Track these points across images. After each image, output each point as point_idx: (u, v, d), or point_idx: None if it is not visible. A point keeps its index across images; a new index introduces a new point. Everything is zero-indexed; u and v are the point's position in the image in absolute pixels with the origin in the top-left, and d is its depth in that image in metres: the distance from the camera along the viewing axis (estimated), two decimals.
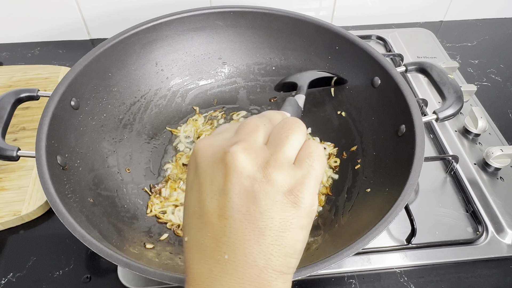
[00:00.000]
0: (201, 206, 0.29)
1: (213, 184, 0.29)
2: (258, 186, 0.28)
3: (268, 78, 0.81)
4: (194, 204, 0.30)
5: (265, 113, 0.35)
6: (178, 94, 0.79)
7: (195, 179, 0.31)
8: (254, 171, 0.28)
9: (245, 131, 0.31)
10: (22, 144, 0.72)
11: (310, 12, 1.01)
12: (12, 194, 0.65)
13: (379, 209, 0.51)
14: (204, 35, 0.77)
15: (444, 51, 0.96)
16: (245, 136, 0.30)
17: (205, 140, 0.32)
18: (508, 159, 0.70)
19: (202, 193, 0.29)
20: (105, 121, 0.68)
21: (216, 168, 0.29)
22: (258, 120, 0.32)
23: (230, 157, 0.29)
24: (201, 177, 0.30)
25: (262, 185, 0.28)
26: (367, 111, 0.69)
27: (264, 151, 0.30)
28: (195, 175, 0.31)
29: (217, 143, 0.31)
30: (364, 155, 0.68)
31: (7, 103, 0.58)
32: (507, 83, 0.91)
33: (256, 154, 0.29)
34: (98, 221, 0.54)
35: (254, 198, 0.28)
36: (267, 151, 0.30)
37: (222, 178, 0.29)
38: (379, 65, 0.65)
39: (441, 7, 1.06)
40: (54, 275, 0.58)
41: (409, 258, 0.60)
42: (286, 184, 0.29)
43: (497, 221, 0.64)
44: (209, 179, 0.29)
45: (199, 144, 0.32)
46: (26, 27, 0.96)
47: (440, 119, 0.59)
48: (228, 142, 0.30)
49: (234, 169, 0.28)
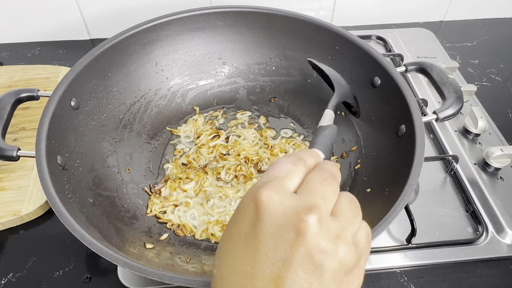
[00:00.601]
0: (257, 268, 0.27)
1: (277, 249, 0.27)
2: (328, 262, 0.27)
3: (268, 78, 0.81)
4: (246, 262, 0.27)
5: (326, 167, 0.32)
6: (178, 94, 0.79)
7: (254, 234, 0.28)
8: (326, 246, 0.27)
9: (316, 191, 0.29)
10: (22, 144, 0.72)
11: (310, 12, 1.01)
12: (12, 194, 0.65)
13: (379, 209, 0.51)
14: (204, 35, 0.77)
15: (444, 51, 0.96)
16: (318, 201, 0.28)
17: (274, 195, 0.28)
18: (508, 159, 0.70)
19: (262, 255, 0.27)
20: (105, 121, 0.68)
21: (286, 234, 0.27)
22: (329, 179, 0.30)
23: (305, 226, 0.27)
24: (264, 237, 0.27)
25: (332, 262, 0.27)
26: (367, 111, 0.69)
27: (334, 223, 0.28)
28: (253, 229, 0.28)
29: (289, 204, 0.28)
30: (364, 155, 0.68)
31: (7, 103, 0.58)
32: (507, 83, 0.91)
33: (329, 227, 0.28)
34: (98, 221, 0.54)
35: (320, 275, 0.26)
36: (337, 223, 0.28)
37: (290, 247, 0.26)
38: (379, 65, 0.65)
39: (441, 7, 1.06)
40: (54, 275, 0.58)
41: (409, 258, 0.60)
42: (351, 264, 0.28)
43: (497, 221, 0.64)
44: (274, 242, 0.27)
45: (265, 197, 0.28)
46: (26, 27, 0.96)
47: (440, 119, 0.59)
48: (302, 204, 0.28)
49: (307, 240, 0.26)
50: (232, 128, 0.76)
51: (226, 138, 0.74)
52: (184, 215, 0.64)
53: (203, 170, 0.69)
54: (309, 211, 0.27)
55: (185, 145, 0.74)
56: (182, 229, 0.62)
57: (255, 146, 0.73)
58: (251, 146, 0.73)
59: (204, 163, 0.70)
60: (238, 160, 0.70)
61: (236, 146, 0.73)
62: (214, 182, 0.67)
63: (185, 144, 0.74)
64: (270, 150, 0.72)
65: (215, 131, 0.75)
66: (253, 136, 0.74)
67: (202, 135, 0.74)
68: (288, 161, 0.31)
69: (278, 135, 0.76)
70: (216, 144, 0.73)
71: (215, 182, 0.68)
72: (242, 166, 0.69)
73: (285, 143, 0.74)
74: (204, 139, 0.74)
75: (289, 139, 0.75)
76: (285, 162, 0.31)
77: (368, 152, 0.67)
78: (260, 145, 0.73)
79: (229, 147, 0.73)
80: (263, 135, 0.75)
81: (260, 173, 0.69)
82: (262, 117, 0.78)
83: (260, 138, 0.74)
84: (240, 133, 0.75)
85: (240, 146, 0.72)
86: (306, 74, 0.78)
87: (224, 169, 0.69)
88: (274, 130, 0.76)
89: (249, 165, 0.69)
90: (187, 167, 0.70)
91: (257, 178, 0.68)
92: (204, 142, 0.73)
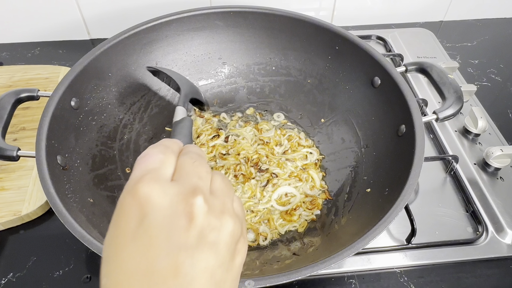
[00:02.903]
0: (152, 264, 0.25)
1: (171, 238, 0.26)
2: (220, 237, 0.28)
3: (268, 78, 0.81)
4: (139, 261, 0.26)
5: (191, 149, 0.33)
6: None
7: (143, 231, 0.26)
8: (216, 223, 0.28)
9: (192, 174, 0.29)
10: (22, 144, 0.72)
11: (310, 12, 1.01)
12: (12, 194, 0.65)
13: (379, 209, 0.51)
14: (204, 35, 0.77)
15: (444, 51, 0.96)
16: (198, 182, 0.29)
17: (155, 187, 0.27)
18: (508, 159, 0.70)
19: (155, 249, 0.26)
20: (105, 121, 0.68)
21: (177, 221, 0.26)
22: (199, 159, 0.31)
23: (194, 209, 0.27)
24: (155, 230, 0.26)
25: (224, 236, 0.28)
26: (367, 111, 0.69)
27: (216, 199, 0.29)
28: (141, 226, 0.26)
29: (172, 192, 0.27)
30: (364, 155, 0.68)
31: (7, 103, 0.58)
32: (507, 83, 0.91)
33: (213, 204, 0.29)
34: (98, 221, 0.54)
35: (215, 251, 0.27)
36: (218, 199, 0.30)
37: (183, 232, 0.26)
38: (379, 65, 0.65)
39: (441, 7, 1.06)
40: (54, 275, 0.58)
41: (409, 258, 0.60)
42: (238, 233, 0.29)
43: (497, 221, 0.64)
44: (166, 233, 0.26)
45: (147, 191, 0.27)
46: (26, 27, 0.96)
47: (440, 119, 0.59)
48: (185, 189, 0.28)
49: (199, 222, 0.27)
50: (232, 127, 0.76)
51: (226, 138, 0.74)
52: None
53: None
54: (194, 194, 0.28)
55: None
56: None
57: (254, 144, 0.73)
58: (250, 146, 0.73)
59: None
60: (237, 160, 0.70)
61: (235, 146, 0.73)
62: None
63: None
64: (266, 145, 0.73)
65: (215, 131, 0.75)
66: (251, 134, 0.75)
67: (202, 135, 0.74)
68: (157, 151, 0.31)
69: (271, 119, 0.77)
70: (215, 144, 0.73)
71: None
72: (241, 166, 0.69)
73: (280, 135, 0.74)
74: (204, 138, 0.74)
75: (283, 129, 0.76)
76: (155, 153, 0.30)
77: (368, 152, 0.67)
78: (258, 142, 0.73)
79: (229, 146, 0.73)
80: (258, 128, 0.75)
81: (261, 172, 0.69)
82: (258, 113, 0.79)
83: (255, 134, 0.75)
84: (239, 133, 0.75)
85: (240, 146, 0.72)
86: (306, 74, 0.78)
87: (223, 168, 0.69)
88: (269, 122, 0.78)
89: (249, 164, 0.69)
90: None
91: (256, 178, 0.68)
92: (203, 142, 0.73)
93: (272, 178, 0.68)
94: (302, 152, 0.72)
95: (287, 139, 0.74)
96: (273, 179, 0.68)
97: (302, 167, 0.70)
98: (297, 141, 0.74)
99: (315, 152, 0.72)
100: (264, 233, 0.62)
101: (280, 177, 0.68)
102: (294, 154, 0.72)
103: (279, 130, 0.75)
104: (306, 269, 0.43)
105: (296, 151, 0.72)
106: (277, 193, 0.66)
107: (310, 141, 0.74)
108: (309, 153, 0.72)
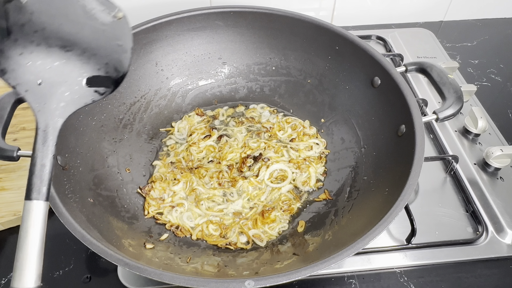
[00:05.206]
0: None
1: None
2: None
3: (268, 78, 0.81)
4: None
5: None
6: (178, 94, 0.79)
7: None
8: None
9: None
10: (22, 144, 0.72)
11: (310, 12, 1.01)
12: (12, 194, 0.65)
13: (379, 209, 0.51)
14: (204, 35, 0.77)
15: (444, 51, 0.96)
16: None
17: None
18: (508, 159, 0.70)
19: None
20: (105, 121, 0.68)
21: None
22: None
23: None
24: None
25: None
26: (367, 111, 0.69)
27: None
28: None
29: None
30: (364, 155, 0.68)
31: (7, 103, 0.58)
32: (507, 83, 0.91)
33: None
34: (98, 221, 0.54)
35: None
36: None
37: None
38: (379, 65, 0.65)
39: (441, 7, 1.06)
40: (54, 275, 0.58)
41: (409, 258, 0.60)
42: None
43: (497, 221, 0.64)
44: None
45: None
46: None
47: (440, 119, 0.59)
48: None
49: None
50: (224, 120, 0.77)
51: (218, 137, 0.74)
52: (181, 216, 0.63)
53: (190, 170, 0.69)
54: None
55: (176, 140, 0.74)
56: (182, 229, 0.62)
57: (246, 137, 0.74)
58: (239, 149, 0.72)
59: (193, 164, 0.70)
60: (219, 168, 0.69)
61: (224, 148, 0.72)
62: (201, 182, 0.67)
63: (175, 139, 0.74)
64: (268, 132, 0.74)
65: (208, 130, 0.75)
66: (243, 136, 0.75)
67: (194, 133, 0.74)
68: None
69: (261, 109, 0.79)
70: (206, 145, 0.73)
71: (202, 182, 0.68)
72: (224, 173, 0.69)
73: (284, 121, 0.76)
74: (196, 137, 0.74)
75: (288, 118, 0.77)
76: None
77: (368, 152, 0.67)
78: (256, 132, 0.75)
79: (217, 149, 0.72)
80: (247, 116, 0.78)
81: (250, 170, 0.69)
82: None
83: (249, 125, 0.76)
84: (232, 134, 0.75)
85: (229, 150, 0.72)
86: (306, 74, 0.78)
87: (207, 176, 0.69)
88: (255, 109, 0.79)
89: (233, 171, 0.69)
90: (174, 166, 0.70)
91: (243, 178, 0.68)
92: (195, 141, 0.73)
93: (265, 163, 0.69)
94: (308, 142, 0.73)
95: (291, 128, 0.75)
96: (265, 163, 0.69)
97: (304, 159, 0.71)
98: (302, 130, 0.75)
99: (321, 143, 0.73)
100: (257, 235, 0.62)
101: (272, 159, 0.69)
102: (300, 144, 0.72)
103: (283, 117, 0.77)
104: (306, 269, 0.43)
105: (303, 141, 0.73)
106: (269, 171, 0.68)
107: (314, 129, 0.75)
108: (315, 144, 0.72)
